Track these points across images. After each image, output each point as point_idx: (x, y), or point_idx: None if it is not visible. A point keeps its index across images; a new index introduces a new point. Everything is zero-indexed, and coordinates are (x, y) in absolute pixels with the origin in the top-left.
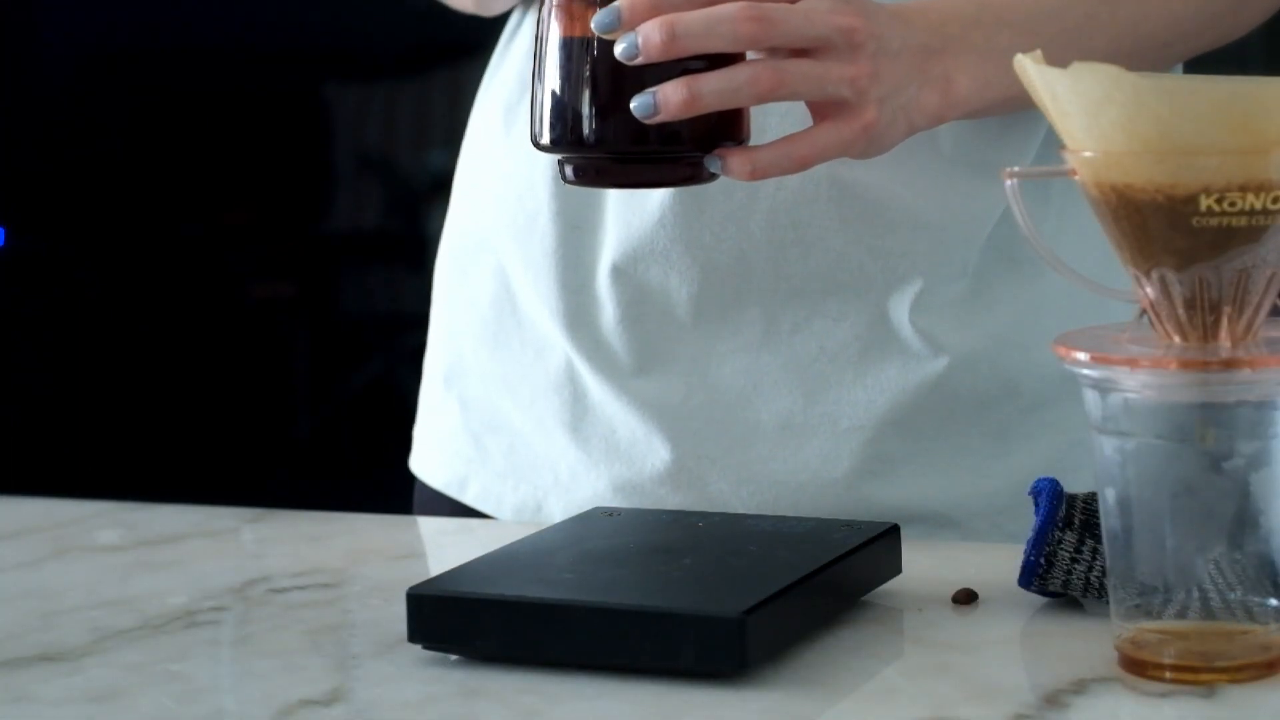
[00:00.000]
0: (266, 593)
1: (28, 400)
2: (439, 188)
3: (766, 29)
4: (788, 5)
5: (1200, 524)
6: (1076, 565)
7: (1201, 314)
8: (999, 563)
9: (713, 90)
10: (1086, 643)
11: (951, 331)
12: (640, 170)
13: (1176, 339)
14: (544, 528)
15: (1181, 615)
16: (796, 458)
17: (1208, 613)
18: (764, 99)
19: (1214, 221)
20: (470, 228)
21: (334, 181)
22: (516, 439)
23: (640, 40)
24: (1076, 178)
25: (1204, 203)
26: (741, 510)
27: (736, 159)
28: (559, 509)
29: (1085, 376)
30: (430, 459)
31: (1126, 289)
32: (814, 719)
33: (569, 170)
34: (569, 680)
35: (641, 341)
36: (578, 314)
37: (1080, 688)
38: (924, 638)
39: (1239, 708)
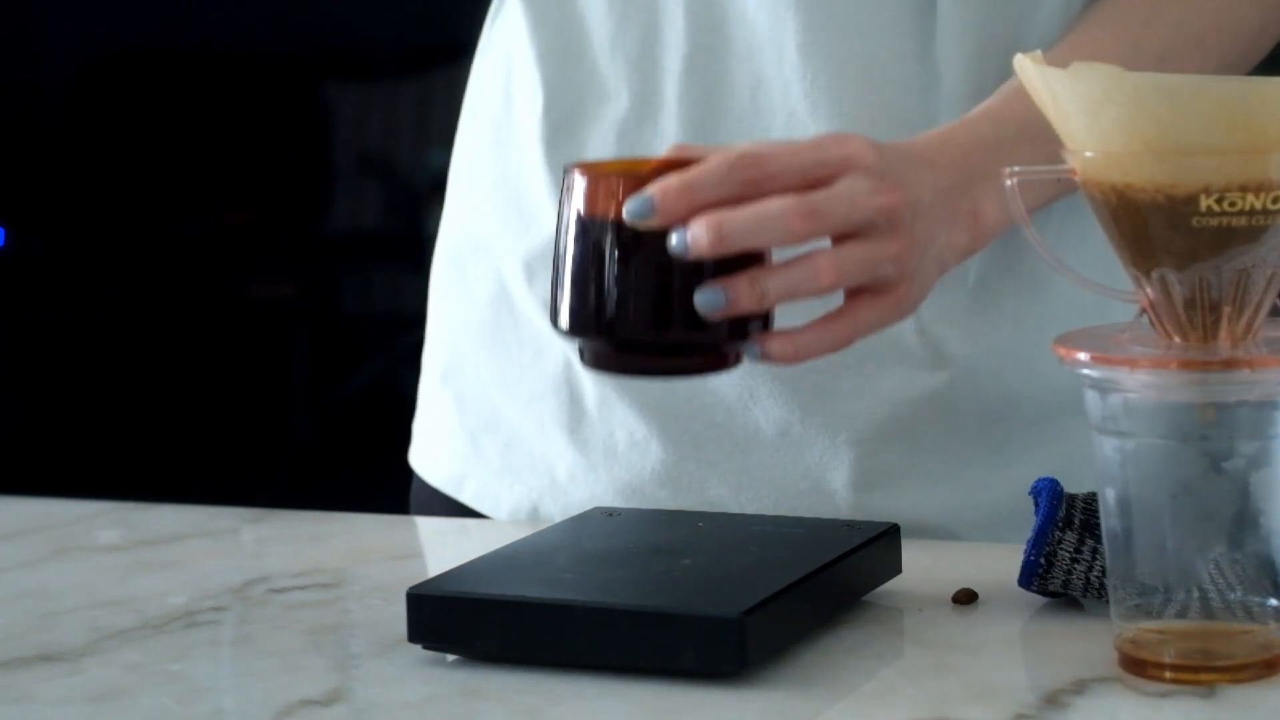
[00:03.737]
0: (266, 593)
1: (28, 400)
2: (439, 188)
3: (816, 224)
4: (832, 194)
5: (1200, 524)
6: (1076, 565)
7: (1201, 314)
8: (999, 563)
9: (778, 286)
10: (1086, 643)
11: (953, 343)
12: (666, 361)
13: (1176, 339)
14: (544, 528)
15: (1181, 615)
16: (796, 465)
17: (1208, 613)
18: (824, 292)
19: (1214, 221)
20: (466, 227)
21: (334, 181)
22: (513, 439)
23: (690, 240)
24: (1076, 178)
25: (1204, 203)
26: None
27: (778, 344)
28: (556, 510)
29: (1085, 376)
30: (428, 455)
31: (1127, 289)
32: (814, 719)
33: (588, 355)
34: (569, 680)
35: None
36: None
37: (1080, 688)
38: (924, 638)
39: (1239, 708)
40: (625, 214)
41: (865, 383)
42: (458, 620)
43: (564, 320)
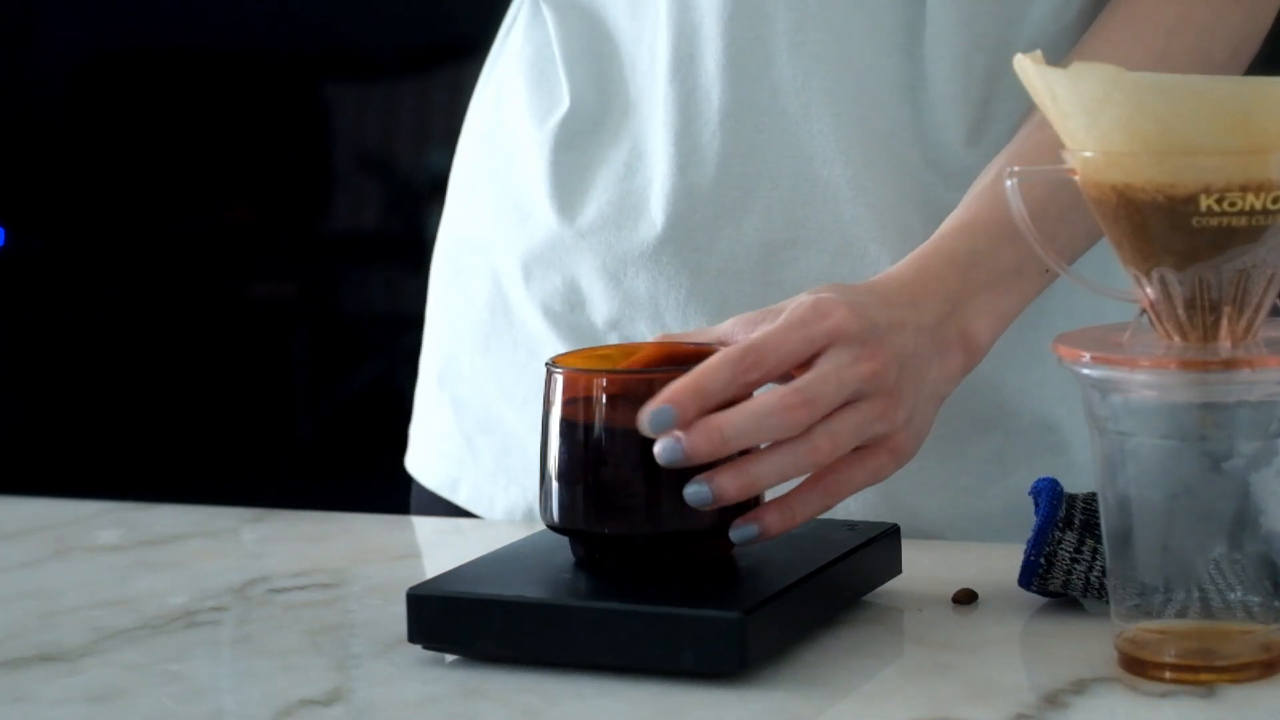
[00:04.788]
0: (266, 593)
1: (28, 400)
2: (439, 188)
3: (811, 413)
4: (819, 376)
5: (1200, 524)
6: (1076, 565)
7: (1201, 314)
8: (999, 563)
9: (770, 473)
10: (1086, 643)
11: None
12: (661, 554)
13: (1176, 339)
14: (543, 528)
15: (1181, 615)
16: None
17: (1208, 613)
18: (818, 467)
19: (1214, 221)
20: (464, 229)
21: (334, 181)
22: (509, 440)
23: (686, 448)
24: (1076, 178)
25: (1204, 203)
26: None
27: (774, 517)
28: None
29: (1085, 376)
30: (424, 459)
31: (1126, 289)
32: (814, 719)
33: (581, 551)
34: (569, 680)
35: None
36: (569, 317)
37: (1080, 688)
38: (924, 638)
39: (1239, 708)
40: (648, 427)
41: None
42: (458, 620)
43: (555, 516)
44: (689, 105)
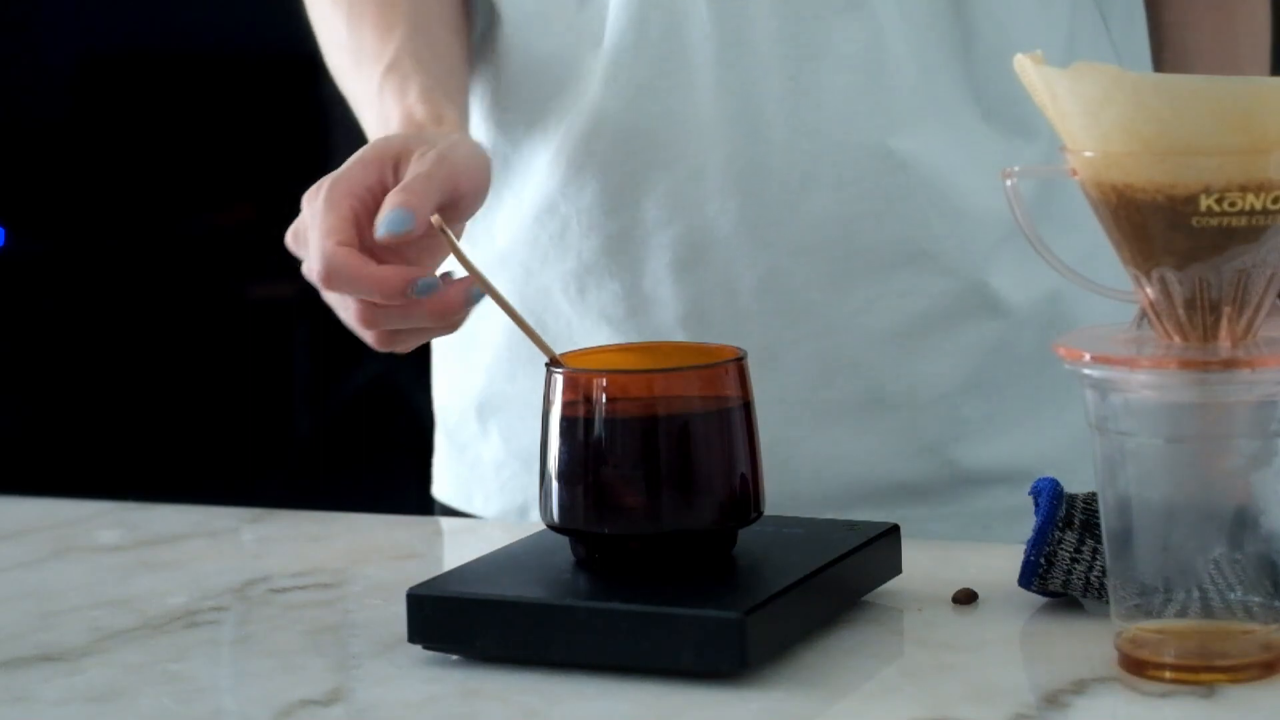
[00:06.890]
0: (266, 593)
1: (28, 400)
2: None
3: None
4: None
5: (1200, 524)
6: (1076, 565)
7: (1201, 314)
8: (999, 563)
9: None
10: (1086, 643)
11: (1012, 291)
12: (660, 553)
13: (1176, 339)
14: (544, 528)
15: (1181, 615)
16: (876, 430)
17: (1208, 613)
18: None
19: (1214, 221)
20: (484, 250)
21: None
22: None
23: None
24: (1076, 178)
25: (1204, 203)
26: (826, 490)
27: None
28: None
29: (1085, 376)
30: (477, 491)
31: (1127, 289)
32: (814, 719)
33: (582, 551)
34: (569, 680)
35: (708, 336)
36: (633, 317)
37: (1080, 688)
38: (924, 638)
39: (1239, 708)
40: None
41: (939, 342)
42: (458, 620)
43: (555, 516)
44: (741, 59)
